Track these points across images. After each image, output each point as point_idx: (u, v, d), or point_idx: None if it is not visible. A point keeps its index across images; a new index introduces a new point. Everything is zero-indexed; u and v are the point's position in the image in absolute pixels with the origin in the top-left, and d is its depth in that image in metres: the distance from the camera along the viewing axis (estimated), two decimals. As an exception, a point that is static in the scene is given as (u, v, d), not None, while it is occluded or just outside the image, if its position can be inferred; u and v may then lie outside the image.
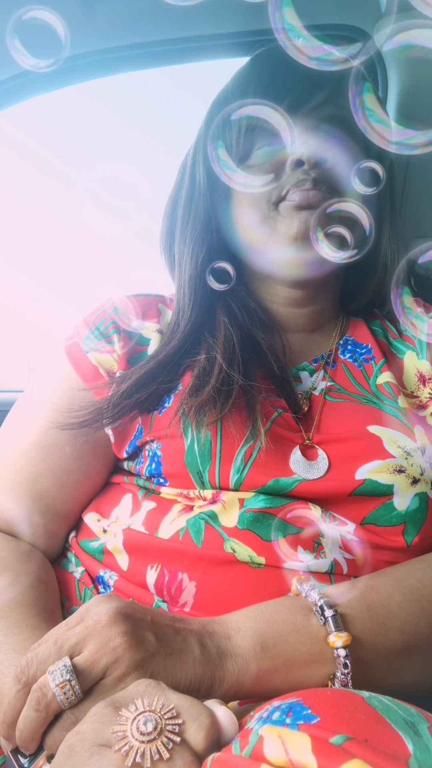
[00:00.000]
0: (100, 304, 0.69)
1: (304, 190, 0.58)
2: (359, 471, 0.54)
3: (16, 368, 1.41)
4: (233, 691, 0.41)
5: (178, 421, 0.56)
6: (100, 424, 0.59)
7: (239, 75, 0.66)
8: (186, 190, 0.68)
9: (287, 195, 0.59)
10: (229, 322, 0.63)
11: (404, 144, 0.39)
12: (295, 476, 0.54)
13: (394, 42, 0.36)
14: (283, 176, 0.60)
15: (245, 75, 0.65)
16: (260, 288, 0.69)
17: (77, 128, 8.21)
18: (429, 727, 0.30)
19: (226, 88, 0.67)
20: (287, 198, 0.59)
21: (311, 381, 0.64)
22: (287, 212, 0.59)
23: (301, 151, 0.59)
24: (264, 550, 0.52)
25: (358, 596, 0.46)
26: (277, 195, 0.60)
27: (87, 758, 0.30)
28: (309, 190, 0.58)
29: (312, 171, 0.59)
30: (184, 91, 9.45)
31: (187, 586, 0.52)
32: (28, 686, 0.39)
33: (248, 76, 0.65)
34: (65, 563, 0.63)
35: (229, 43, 0.87)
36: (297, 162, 0.59)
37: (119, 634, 0.39)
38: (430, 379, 0.63)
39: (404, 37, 0.36)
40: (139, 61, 0.89)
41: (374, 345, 0.66)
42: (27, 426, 0.63)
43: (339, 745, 0.27)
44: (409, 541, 0.53)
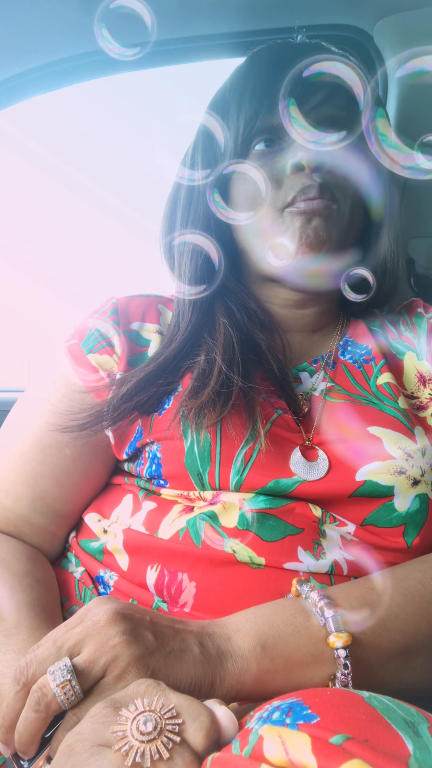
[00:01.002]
0: (100, 304, 0.69)
1: (309, 198, 0.58)
2: (360, 472, 0.54)
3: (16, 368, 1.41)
4: (234, 691, 0.41)
5: (178, 423, 0.56)
6: (100, 426, 0.59)
7: (236, 75, 0.66)
8: (185, 192, 0.68)
9: (293, 201, 0.59)
10: (229, 324, 0.63)
11: (418, 169, 0.39)
12: (295, 477, 0.54)
13: (408, 68, 0.36)
14: (284, 180, 0.60)
15: (242, 75, 0.65)
16: (260, 289, 0.69)
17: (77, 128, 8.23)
18: (429, 727, 0.30)
19: (224, 88, 0.66)
20: (293, 205, 0.59)
21: (311, 382, 0.64)
22: (293, 220, 0.59)
23: (301, 155, 0.59)
24: (264, 550, 0.52)
25: (359, 597, 0.46)
26: (282, 201, 0.60)
27: (87, 758, 0.30)
28: (314, 199, 0.58)
29: (315, 175, 0.59)
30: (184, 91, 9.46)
31: (187, 586, 0.52)
32: (28, 687, 0.39)
33: (245, 76, 0.65)
34: (65, 563, 0.63)
35: (228, 43, 0.87)
36: (296, 165, 0.59)
37: (118, 634, 0.39)
38: (430, 380, 0.63)
39: (417, 63, 0.36)
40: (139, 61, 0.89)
41: (374, 346, 0.66)
42: (27, 427, 0.63)
43: (339, 745, 0.27)
44: (409, 542, 0.53)
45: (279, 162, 0.61)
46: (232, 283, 0.68)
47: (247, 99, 0.62)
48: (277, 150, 0.62)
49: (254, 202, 0.62)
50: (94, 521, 0.62)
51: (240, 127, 0.62)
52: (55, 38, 0.83)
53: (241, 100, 0.63)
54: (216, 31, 0.85)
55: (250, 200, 0.63)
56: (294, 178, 0.59)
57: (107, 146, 22.09)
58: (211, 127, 0.67)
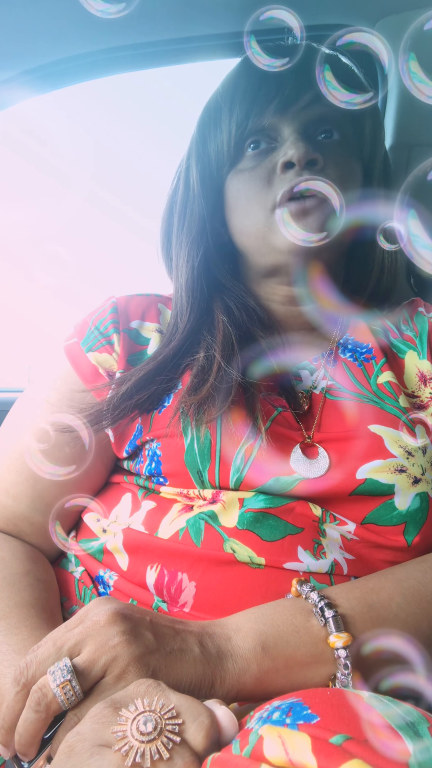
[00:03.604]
0: (100, 303, 0.69)
1: (301, 196, 0.58)
2: (360, 470, 0.54)
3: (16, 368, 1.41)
4: (234, 691, 0.41)
5: (178, 420, 0.56)
6: (100, 425, 0.59)
7: (229, 77, 0.67)
8: (181, 195, 0.69)
9: (282, 202, 0.59)
10: (228, 321, 0.63)
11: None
12: (295, 475, 0.54)
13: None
14: (275, 179, 0.60)
15: (235, 77, 0.66)
16: (259, 287, 0.69)
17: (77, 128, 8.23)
18: (429, 727, 0.30)
19: (217, 92, 0.67)
20: (287, 203, 0.59)
21: (312, 380, 0.64)
22: (284, 220, 0.59)
23: (291, 153, 0.59)
24: (264, 550, 0.52)
25: (359, 597, 0.46)
26: (272, 201, 0.60)
27: (87, 758, 0.30)
28: (307, 197, 0.58)
29: (306, 172, 0.59)
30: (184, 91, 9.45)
31: (186, 586, 0.52)
32: (28, 687, 0.39)
33: (237, 78, 0.65)
34: (65, 563, 0.63)
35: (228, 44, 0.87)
36: (287, 164, 0.59)
37: (118, 633, 0.39)
38: (430, 379, 0.63)
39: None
40: (139, 61, 0.89)
41: (375, 344, 0.66)
42: (27, 426, 0.63)
43: (339, 745, 0.27)
44: (409, 541, 0.53)
45: (272, 161, 0.61)
46: (230, 282, 0.68)
47: (238, 101, 0.63)
48: (269, 150, 0.62)
49: (248, 201, 0.62)
50: (94, 521, 0.62)
51: (232, 129, 0.63)
52: (55, 38, 0.83)
53: (233, 102, 0.63)
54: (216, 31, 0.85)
55: (244, 200, 0.63)
56: (285, 177, 0.59)
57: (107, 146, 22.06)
58: (204, 132, 0.67)
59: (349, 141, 0.64)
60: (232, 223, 0.66)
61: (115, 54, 0.87)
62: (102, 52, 0.86)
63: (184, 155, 0.70)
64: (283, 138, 0.61)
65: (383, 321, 0.71)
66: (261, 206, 0.61)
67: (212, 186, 0.67)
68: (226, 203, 0.66)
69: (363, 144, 0.67)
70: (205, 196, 0.67)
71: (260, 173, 0.62)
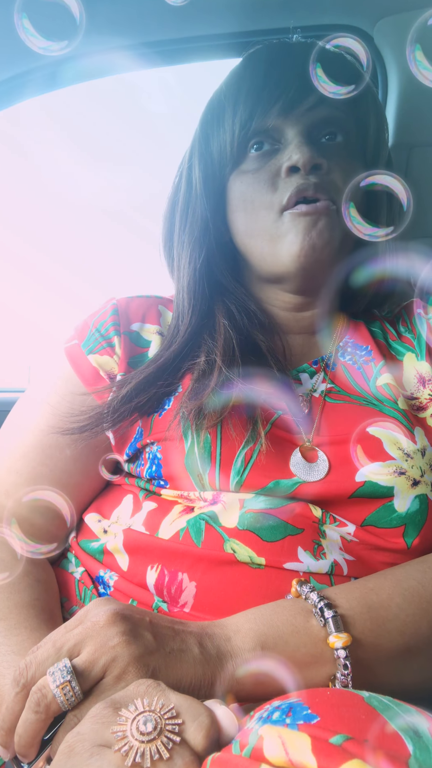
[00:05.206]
0: (101, 305, 0.69)
1: (307, 200, 0.58)
2: (359, 473, 0.54)
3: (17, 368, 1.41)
4: (234, 691, 0.41)
5: (178, 424, 0.56)
6: (100, 428, 0.59)
7: (232, 76, 0.66)
8: (183, 194, 0.68)
9: (292, 203, 0.59)
10: (229, 325, 0.63)
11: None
12: (295, 478, 0.54)
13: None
14: (280, 182, 0.60)
15: (238, 76, 0.65)
16: (261, 292, 0.69)
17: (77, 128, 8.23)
18: (429, 727, 0.30)
19: (219, 91, 0.67)
20: (293, 207, 0.59)
21: (311, 383, 0.64)
22: (293, 222, 0.59)
23: (296, 158, 0.59)
24: (264, 550, 0.52)
25: (359, 597, 0.46)
26: (279, 203, 0.60)
27: (87, 758, 0.30)
28: (312, 201, 0.58)
29: (311, 176, 0.59)
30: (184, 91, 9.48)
31: (187, 586, 0.52)
32: (27, 688, 0.39)
33: (241, 78, 0.65)
34: (65, 564, 0.63)
35: (228, 44, 0.87)
36: (292, 168, 0.59)
37: (117, 634, 0.39)
38: (429, 381, 0.63)
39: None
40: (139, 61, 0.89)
41: (374, 347, 0.66)
42: (27, 428, 0.63)
43: (339, 745, 0.27)
44: (409, 543, 0.53)
45: (275, 164, 0.61)
46: (232, 284, 0.68)
47: (242, 101, 0.62)
48: (273, 151, 0.62)
49: (253, 204, 0.62)
50: (94, 521, 0.62)
51: (236, 129, 0.62)
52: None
53: (236, 102, 0.63)
54: (215, 31, 0.85)
55: (248, 203, 0.63)
56: (290, 180, 0.59)
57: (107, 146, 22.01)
58: (207, 131, 0.67)
59: (353, 143, 0.64)
60: (235, 224, 0.66)
61: (115, 54, 0.87)
62: (102, 52, 0.86)
63: (186, 153, 0.69)
64: (287, 140, 0.61)
65: (382, 323, 0.71)
66: (267, 209, 0.61)
67: (214, 186, 0.67)
68: (228, 204, 0.66)
69: (367, 145, 0.67)
70: (208, 195, 0.66)
71: (264, 176, 0.61)
